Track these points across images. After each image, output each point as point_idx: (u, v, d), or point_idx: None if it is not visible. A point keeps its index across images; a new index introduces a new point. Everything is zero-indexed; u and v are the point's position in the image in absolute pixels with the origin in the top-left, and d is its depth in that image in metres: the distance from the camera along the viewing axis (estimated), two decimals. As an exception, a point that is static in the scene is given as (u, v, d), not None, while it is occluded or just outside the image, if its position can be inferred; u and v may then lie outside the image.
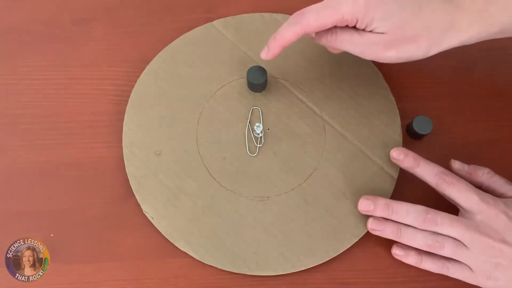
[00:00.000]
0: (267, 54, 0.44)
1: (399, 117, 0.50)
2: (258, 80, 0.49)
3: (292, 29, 0.41)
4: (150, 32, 0.54)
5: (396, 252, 0.44)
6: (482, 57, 0.53)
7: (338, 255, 0.45)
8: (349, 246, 0.45)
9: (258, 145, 0.48)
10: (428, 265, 0.43)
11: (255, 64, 0.50)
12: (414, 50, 0.41)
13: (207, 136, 0.49)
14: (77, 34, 0.54)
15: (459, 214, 0.44)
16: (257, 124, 0.48)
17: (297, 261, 0.45)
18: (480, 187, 0.45)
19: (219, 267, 0.44)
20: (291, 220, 0.46)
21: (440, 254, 0.42)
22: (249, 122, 0.49)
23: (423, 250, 0.43)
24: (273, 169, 0.48)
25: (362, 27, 0.40)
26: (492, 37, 0.41)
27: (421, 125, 0.48)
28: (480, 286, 0.43)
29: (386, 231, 0.44)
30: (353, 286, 0.45)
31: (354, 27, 0.41)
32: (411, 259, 0.44)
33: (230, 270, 0.44)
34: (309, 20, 0.41)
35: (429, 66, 0.53)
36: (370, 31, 0.41)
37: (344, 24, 0.41)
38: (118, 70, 0.52)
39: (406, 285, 0.45)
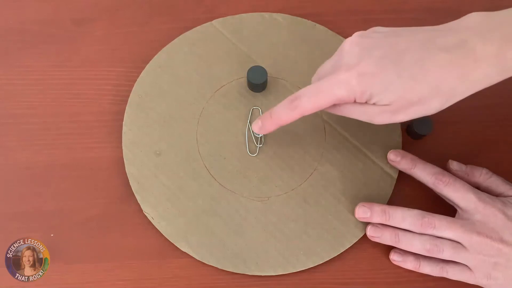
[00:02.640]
0: (260, 130, 0.44)
1: (399, 117, 0.50)
2: (258, 80, 0.49)
3: (289, 113, 0.41)
4: (150, 32, 0.54)
5: (394, 258, 0.45)
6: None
7: (338, 255, 0.45)
8: (349, 246, 0.45)
9: (258, 145, 0.48)
10: (427, 269, 0.43)
11: (255, 64, 0.50)
12: (426, 111, 0.37)
13: (207, 136, 0.49)
14: (77, 34, 0.54)
15: (456, 214, 0.44)
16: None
17: (297, 261, 0.45)
18: (478, 187, 0.45)
19: (219, 267, 0.44)
20: (291, 220, 0.46)
21: (440, 257, 0.43)
22: (249, 122, 0.49)
23: (421, 255, 0.43)
24: (273, 169, 0.48)
25: (363, 102, 0.38)
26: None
27: (421, 125, 0.48)
28: (480, 285, 0.43)
29: (384, 237, 0.44)
30: (353, 286, 0.45)
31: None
32: (409, 264, 0.44)
33: (230, 270, 0.44)
34: (304, 105, 0.40)
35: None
36: (373, 104, 0.38)
37: (342, 103, 0.39)
38: (118, 70, 0.52)
39: (406, 285, 0.45)
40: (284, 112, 0.41)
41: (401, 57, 0.36)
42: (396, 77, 0.36)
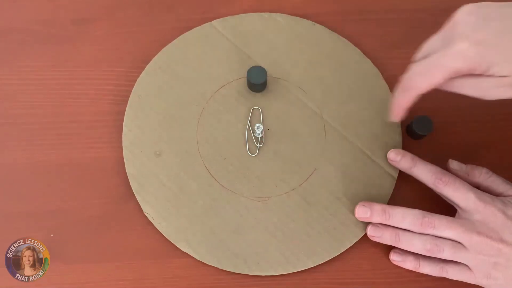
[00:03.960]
0: (394, 117, 0.42)
1: (398, 117, 0.50)
2: (258, 80, 0.49)
3: (406, 95, 0.40)
4: (150, 32, 0.54)
5: (394, 258, 0.45)
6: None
7: (339, 255, 0.45)
8: (349, 246, 0.45)
9: (258, 145, 0.48)
10: (427, 269, 0.44)
11: (254, 64, 0.50)
12: None
13: (207, 137, 0.49)
14: (77, 34, 0.54)
15: (456, 214, 0.44)
16: (257, 124, 0.48)
17: (297, 261, 0.45)
18: (478, 187, 0.45)
19: (220, 267, 0.44)
20: (292, 220, 0.46)
21: (440, 257, 0.43)
22: (249, 122, 0.49)
23: (421, 255, 0.43)
24: (273, 169, 0.48)
25: (478, 74, 0.37)
26: None
27: (421, 125, 0.48)
28: (480, 285, 0.43)
29: (385, 237, 0.44)
30: (353, 286, 0.45)
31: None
32: (409, 264, 0.44)
33: (230, 271, 0.44)
34: (418, 85, 0.38)
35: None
36: (489, 75, 0.36)
37: (458, 75, 0.37)
38: (118, 70, 0.52)
39: (406, 285, 0.45)
40: (402, 96, 0.40)
41: None
42: None
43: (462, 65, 0.36)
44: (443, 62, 0.37)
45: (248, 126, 0.49)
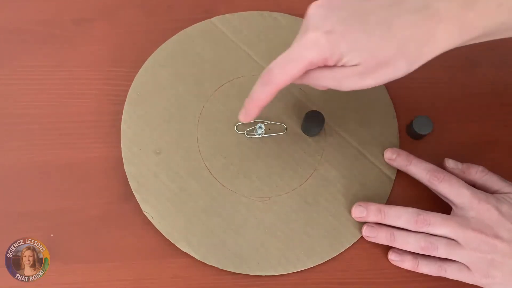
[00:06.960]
0: (245, 116, 0.41)
1: (396, 119, 0.50)
2: (316, 126, 0.47)
3: (264, 90, 0.39)
4: (150, 32, 0.54)
5: (392, 257, 0.45)
6: (482, 57, 0.53)
7: (338, 255, 0.45)
8: (349, 246, 0.45)
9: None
10: (425, 268, 0.44)
11: (256, 64, 0.51)
12: (393, 73, 0.37)
13: (207, 135, 0.49)
14: (77, 34, 0.54)
15: (451, 211, 0.44)
16: (259, 124, 0.48)
17: (297, 261, 0.45)
18: (474, 185, 0.45)
19: (220, 267, 0.44)
20: (292, 220, 0.46)
21: (435, 255, 0.43)
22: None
23: (419, 254, 0.44)
24: (274, 169, 0.48)
25: (333, 64, 0.37)
26: (477, 41, 0.38)
27: (421, 125, 0.48)
28: (479, 285, 0.43)
29: (380, 237, 0.44)
30: (353, 286, 0.45)
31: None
32: (407, 264, 0.44)
33: (230, 270, 0.44)
34: (276, 77, 0.38)
35: (428, 66, 0.52)
36: (342, 66, 0.37)
37: (314, 67, 0.37)
38: (118, 70, 0.52)
39: (405, 285, 0.45)
40: (260, 90, 0.39)
41: (367, 18, 0.36)
42: (364, 35, 0.36)
43: (316, 54, 0.36)
44: (298, 54, 0.37)
45: (250, 125, 0.49)
